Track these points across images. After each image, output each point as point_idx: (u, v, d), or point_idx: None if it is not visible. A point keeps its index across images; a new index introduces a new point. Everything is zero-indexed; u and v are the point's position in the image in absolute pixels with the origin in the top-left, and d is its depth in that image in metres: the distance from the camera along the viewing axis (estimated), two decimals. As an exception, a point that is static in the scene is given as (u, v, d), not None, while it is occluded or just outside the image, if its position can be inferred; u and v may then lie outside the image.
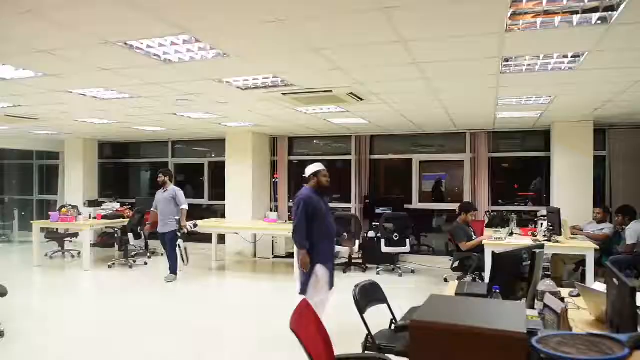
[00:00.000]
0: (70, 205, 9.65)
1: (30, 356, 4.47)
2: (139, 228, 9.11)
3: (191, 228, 7.92)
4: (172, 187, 7.86)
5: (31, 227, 9.18)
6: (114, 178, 12.62)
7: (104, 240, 10.66)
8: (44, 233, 9.62)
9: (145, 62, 4.13)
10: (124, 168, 12.69)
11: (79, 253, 9.43)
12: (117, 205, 10.12)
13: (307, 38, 3.47)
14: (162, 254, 10.04)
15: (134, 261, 9.06)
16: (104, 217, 9.43)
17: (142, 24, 3.16)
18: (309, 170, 4.98)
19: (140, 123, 8.39)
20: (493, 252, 3.01)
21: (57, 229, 9.69)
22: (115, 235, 9.31)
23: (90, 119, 7.88)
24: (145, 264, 9.12)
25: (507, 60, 4.09)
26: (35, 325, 5.36)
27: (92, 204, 10.54)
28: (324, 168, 4.99)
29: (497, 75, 4.60)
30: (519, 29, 3.24)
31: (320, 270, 4.62)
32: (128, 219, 9.26)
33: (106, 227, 9.94)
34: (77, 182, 11.69)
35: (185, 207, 7.79)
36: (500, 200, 9.11)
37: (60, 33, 3.34)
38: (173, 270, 7.74)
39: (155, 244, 10.21)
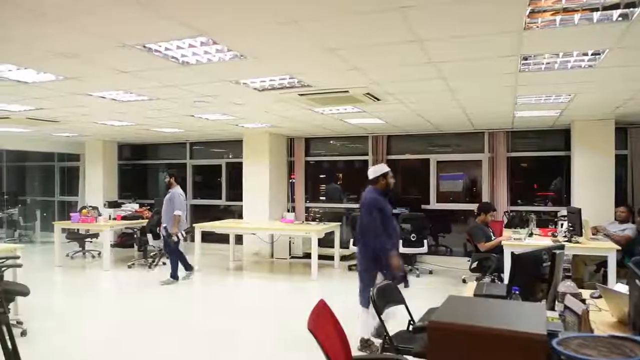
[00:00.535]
0: (90, 206, 9.79)
1: (51, 355, 4.54)
2: (157, 228, 9.21)
3: (180, 237, 7.61)
4: (173, 189, 7.76)
5: (53, 228, 9.36)
6: (133, 179, 12.77)
7: (123, 240, 10.81)
8: (65, 234, 9.77)
9: (164, 65, 4.18)
10: (142, 169, 12.84)
11: (99, 253, 9.57)
12: (136, 206, 10.25)
13: (323, 38, 3.48)
14: (180, 255, 10.15)
15: (153, 261, 9.16)
16: (124, 217, 9.55)
17: (160, 26, 3.19)
18: (376, 171, 4.81)
19: (158, 125, 8.48)
20: (512, 253, 2.98)
21: (77, 229, 9.84)
22: (135, 236, 9.43)
23: (110, 121, 7.99)
24: (164, 264, 9.19)
25: (525, 59, 4.04)
26: (56, 325, 5.45)
27: (112, 205, 10.68)
28: (389, 169, 4.87)
29: (516, 74, 4.55)
30: (537, 27, 3.20)
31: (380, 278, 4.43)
32: (147, 220, 9.36)
33: (125, 228, 10.10)
34: (97, 184, 11.85)
35: (178, 213, 7.53)
36: (519, 201, 9.01)
37: (80, 37, 3.39)
38: (172, 273, 7.67)
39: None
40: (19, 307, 5.41)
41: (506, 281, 3.89)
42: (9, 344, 3.30)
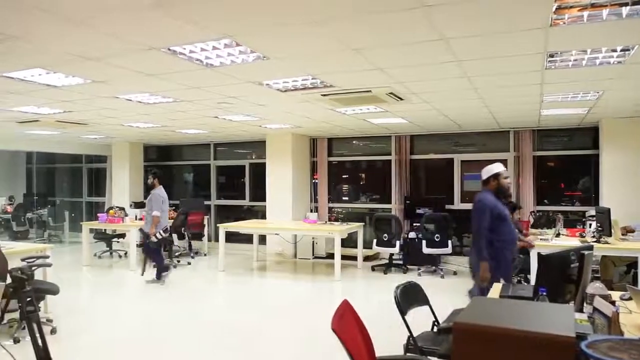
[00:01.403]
0: (117, 207, 9.97)
1: (79, 352, 4.64)
2: (182, 229, 9.33)
3: (159, 237, 7.51)
4: (155, 190, 7.69)
5: (81, 228, 9.56)
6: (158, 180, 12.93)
7: (149, 240, 10.96)
8: (93, 234, 9.98)
9: (188, 67, 4.23)
10: (167, 170, 13.01)
11: (126, 253, 9.73)
12: (161, 207, 10.37)
13: (346, 39, 3.48)
14: (204, 254, 10.29)
15: (178, 261, 9.28)
16: (149, 218, 9.68)
17: (184, 30, 3.23)
18: (488, 171, 4.55)
19: (183, 126, 8.59)
20: (539, 254, 2.93)
21: (105, 229, 10.04)
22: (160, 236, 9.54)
23: (136, 123, 8.12)
24: (189, 263, 9.32)
25: (552, 56, 3.97)
26: (84, 323, 5.56)
27: (138, 205, 10.85)
28: (504, 169, 4.56)
29: (542, 72, 4.48)
30: (564, 23, 3.14)
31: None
32: (172, 220, 9.48)
33: (151, 228, 10.22)
34: (123, 185, 12.07)
35: (155, 213, 7.44)
36: (545, 200, 8.85)
37: (107, 41, 3.46)
38: (158, 274, 7.63)
39: (198, 244, 10.45)
40: (48, 306, 5.55)
41: (533, 282, 3.83)
42: (39, 341, 3.38)
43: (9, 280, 3.98)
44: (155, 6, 2.78)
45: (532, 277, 5.95)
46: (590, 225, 6.60)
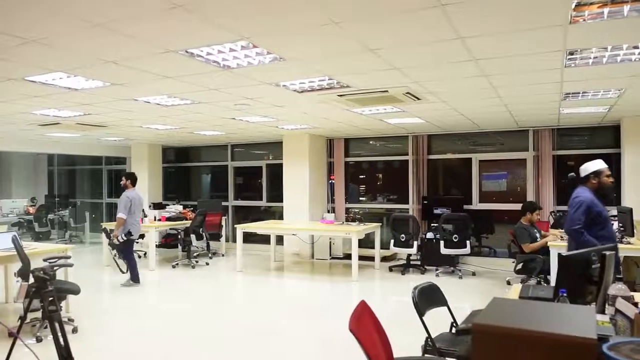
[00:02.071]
0: (136, 207, 10.07)
1: (101, 351, 4.70)
2: (200, 230, 9.40)
3: (121, 239, 7.30)
4: (126, 192, 7.52)
5: (101, 229, 9.67)
6: (176, 181, 13.10)
7: (167, 241, 11.09)
8: (113, 234, 10.09)
9: (205, 69, 4.26)
10: (186, 171, 13.14)
11: (145, 253, 9.84)
12: (180, 208, 10.49)
13: (362, 39, 3.47)
14: (222, 255, 10.36)
15: (197, 261, 9.36)
16: (168, 219, 9.79)
17: (201, 32, 3.26)
18: (586, 169, 4.31)
19: (200, 128, 8.66)
20: (559, 254, 2.89)
21: (125, 230, 10.13)
22: (179, 237, 9.65)
23: (154, 125, 8.21)
24: (207, 264, 9.39)
25: (571, 54, 3.92)
26: (105, 322, 5.64)
27: (157, 206, 10.97)
28: (606, 166, 4.27)
29: (561, 70, 4.42)
30: (584, 20, 3.10)
31: None
32: (190, 221, 9.56)
33: (170, 229, 10.34)
34: (142, 186, 12.17)
35: (120, 215, 7.29)
36: (566, 200, 8.71)
37: (126, 44, 3.51)
38: (132, 276, 7.54)
39: (216, 245, 10.52)
40: (70, 305, 5.65)
41: (553, 283, 3.78)
42: (61, 340, 3.44)
43: (31, 280, 4.06)
44: (173, 9, 2.81)
45: (552, 278, 5.87)
46: (612, 225, 6.48)
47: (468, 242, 7.99)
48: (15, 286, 5.75)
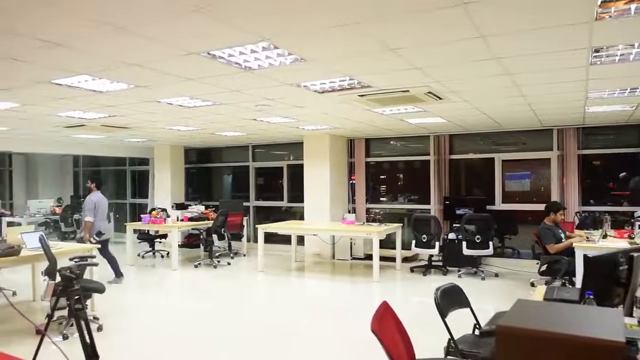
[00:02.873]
0: (159, 208, 10.22)
1: (125, 349, 4.78)
2: (222, 230, 9.48)
3: (93, 242, 7.12)
4: (90, 195, 7.54)
5: (125, 229, 9.84)
6: (198, 182, 13.23)
7: (190, 241, 11.20)
8: (137, 234, 10.25)
9: (227, 71, 4.30)
10: (207, 172, 13.27)
11: (168, 253, 9.96)
12: (202, 208, 10.59)
13: (383, 39, 3.46)
14: (244, 255, 10.42)
15: (218, 261, 9.43)
16: (190, 219, 9.89)
17: (223, 33, 3.29)
18: None
19: (222, 129, 8.73)
20: (585, 256, 2.84)
21: (148, 230, 10.29)
22: (201, 237, 9.75)
23: (177, 126, 8.30)
24: (229, 264, 9.46)
25: (597, 51, 3.84)
26: (129, 321, 5.73)
27: (179, 206, 11.10)
28: None
29: (587, 67, 4.34)
30: (610, 16, 3.04)
31: None
32: (212, 221, 9.65)
33: (192, 229, 10.45)
34: (165, 186, 12.37)
35: (87, 219, 7.28)
36: (591, 201, 8.56)
37: (149, 47, 3.56)
38: (115, 272, 7.64)
39: (238, 245, 10.60)
40: (95, 304, 5.74)
41: (578, 285, 3.72)
42: (86, 338, 3.50)
43: (58, 278, 4.14)
44: (195, 12, 2.84)
45: (578, 280, 5.77)
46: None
47: (491, 242, 7.88)
48: (42, 285, 5.88)
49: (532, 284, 7.06)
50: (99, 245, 6.82)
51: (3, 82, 4.69)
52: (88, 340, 3.48)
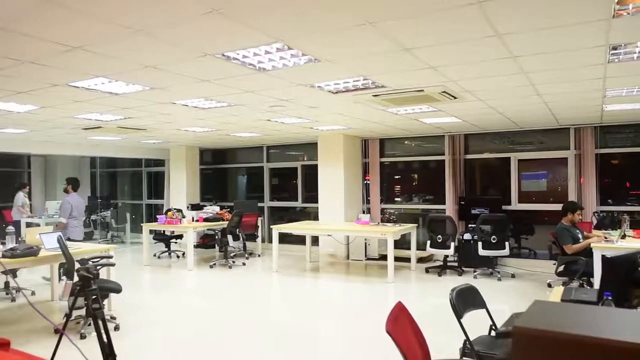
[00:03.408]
0: (175, 208, 10.30)
1: (142, 348, 4.82)
2: (237, 230, 9.52)
3: None
4: (67, 196, 7.63)
5: (141, 230, 9.93)
6: (213, 183, 13.31)
7: (205, 241, 11.28)
8: (153, 235, 10.34)
9: (241, 72, 4.32)
10: (222, 173, 13.34)
11: (184, 254, 10.03)
12: (217, 209, 10.66)
13: (397, 39, 3.45)
14: (258, 255, 10.46)
15: (233, 262, 9.48)
16: (205, 219, 9.96)
17: (237, 35, 3.31)
18: None
19: (236, 129, 8.77)
20: (604, 256, 2.81)
21: (164, 231, 10.38)
22: (216, 237, 9.80)
23: (192, 127, 8.36)
24: (244, 264, 9.50)
25: (615, 49, 3.79)
26: (146, 320, 5.78)
27: (195, 207, 11.17)
28: None
29: (604, 65, 4.28)
30: (628, 13, 2.99)
31: None
32: (227, 222, 9.70)
33: (207, 229, 10.51)
34: (180, 187, 12.47)
35: (62, 220, 7.35)
36: (609, 200, 8.43)
37: (165, 49, 3.59)
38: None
39: (252, 245, 10.64)
40: (112, 303, 5.81)
41: (596, 286, 3.67)
42: (104, 337, 3.54)
43: (76, 278, 4.20)
44: (210, 14, 2.86)
45: (596, 281, 5.69)
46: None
47: (507, 243, 7.81)
48: (60, 285, 5.96)
49: (549, 285, 6.98)
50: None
51: (23, 85, 4.77)
52: (105, 340, 3.52)
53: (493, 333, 3.48)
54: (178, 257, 10.36)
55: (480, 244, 7.92)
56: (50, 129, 8.11)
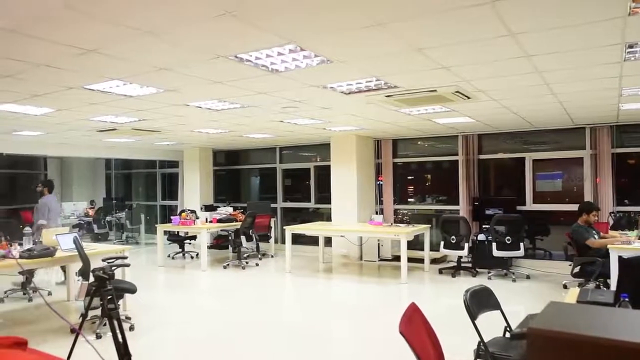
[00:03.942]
0: (189, 209, 10.36)
1: (156, 347, 4.87)
2: (250, 231, 9.56)
3: None
4: (42, 198, 7.57)
5: (156, 231, 10.01)
6: (227, 184, 13.37)
7: (219, 242, 11.33)
8: (167, 236, 10.42)
9: (254, 73, 4.34)
10: (235, 174, 13.40)
11: (197, 254, 10.09)
12: (230, 210, 10.70)
13: (409, 39, 3.44)
14: (271, 256, 10.48)
15: (247, 262, 9.51)
16: (219, 220, 10.00)
17: (250, 37, 3.32)
18: None
19: (249, 131, 8.80)
20: (620, 257, 2.77)
21: (178, 232, 10.45)
22: (229, 238, 9.84)
23: (205, 129, 8.41)
24: (257, 265, 9.53)
25: (631, 47, 3.74)
26: (160, 320, 5.82)
27: (208, 208, 11.24)
28: None
29: (620, 64, 4.22)
30: (645, 11, 2.95)
31: None
32: (240, 223, 9.73)
33: (221, 230, 10.56)
34: (194, 188, 12.55)
35: (41, 222, 7.24)
36: (626, 201, 8.32)
37: (178, 51, 3.61)
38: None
39: (265, 246, 10.67)
40: (127, 304, 5.86)
41: (613, 287, 3.62)
42: (119, 337, 3.57)
43: (92, 279, 4.24)
44: (223, 16, 2.87)
45: (612, 282, 5.62)
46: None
47: (522, 244, 7.74)
48: (76, 285, 6.04)
49: (565, 286, 6.91)
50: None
51: (38, 88, 4.83)
52: (120, 339, 3.56)
53: (508, 334, 3.45)
54: (192, 257, 10.42)
55: (494, 244, 7.86)
56: (66, 131, 8.20)
